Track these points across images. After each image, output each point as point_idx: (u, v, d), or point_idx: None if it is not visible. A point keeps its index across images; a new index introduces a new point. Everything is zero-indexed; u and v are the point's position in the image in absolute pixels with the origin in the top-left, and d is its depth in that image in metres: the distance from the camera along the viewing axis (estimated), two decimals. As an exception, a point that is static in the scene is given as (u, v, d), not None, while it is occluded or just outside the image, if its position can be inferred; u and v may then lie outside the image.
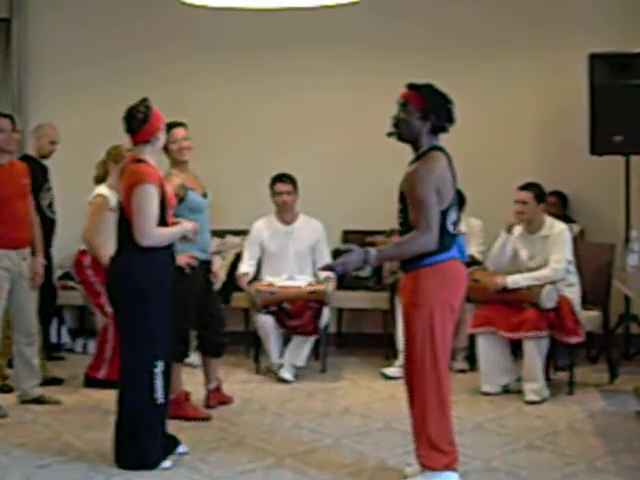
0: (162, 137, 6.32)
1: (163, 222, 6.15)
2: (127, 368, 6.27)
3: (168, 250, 6.27)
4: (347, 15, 8.20)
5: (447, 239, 5.64)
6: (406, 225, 5.68)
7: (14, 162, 7.71)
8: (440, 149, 5.71)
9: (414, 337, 5.69)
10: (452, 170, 5.74)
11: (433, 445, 5.70)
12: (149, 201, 6.05)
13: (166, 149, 7.26)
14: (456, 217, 5.77)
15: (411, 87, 5.75)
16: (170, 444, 6.38)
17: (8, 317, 7.84)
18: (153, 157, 6.28)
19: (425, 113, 5.66)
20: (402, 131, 5.74)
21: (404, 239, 5.61)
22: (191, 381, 7.75)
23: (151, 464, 6.20)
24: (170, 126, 7.10)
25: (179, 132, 7.37)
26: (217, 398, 7.77)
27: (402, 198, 5.71)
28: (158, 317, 6.20)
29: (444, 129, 5.73)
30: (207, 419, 7.42)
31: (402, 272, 5.85)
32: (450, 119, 5.73)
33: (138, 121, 6.18)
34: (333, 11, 7.83)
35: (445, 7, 9.82)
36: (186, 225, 6.34)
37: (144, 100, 6.25)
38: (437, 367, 5.71)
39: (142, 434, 6.22)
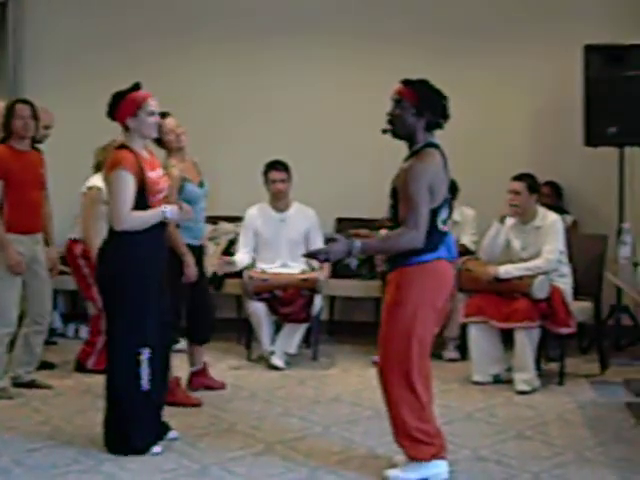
0: (141, 120, 6.19)
1: (144, 207, 6.13)
2: (113, 355, 6.30)
3: (151, 234, 6.19)
4: (345, 8, 8.14)
5: (436, 237, 5.61)
6: (396, 221, 5.66)
7: (33, 151, 7.72)
8: (435, 146, 5.68)
9: (392, 334, 5.68)
10: (446, 167, 5.70)
11: (415, 438, 5.69)
12: (122, 186, 6.05)
13: (159, 142, 7.30)
14: (447, 215, 5.74)
15: (405, 83, 5.72)
16: (161, 430, 6.40)
17: None
18: (135, 142, 6.23)
19: (420, 109, 5.63)
20: (397, 128, 5.72)
21: (390, 234, 5.61)
22: (181, 367, 7.72)
23: (139, 449, 6.22)
24: (160, 116, 7.10)
25: (170, 122, 7.39)
26: (201, 381, 7.79)
27: (394, 194, 5.70)
28: (140, 303, 6.18)
29: (439, 125, 5.71)
30: (197, 405, 7.43)
31: (388, 269, 5.80)
32: (445, 115, 5.70)
33: (110, 105, 6.22)
34: (332, 4, 7.77)
35: (442, 2, 9.81)
36: (164, 208, 6.20)
37: (134, 85, 6.25)
38: (411, 365, 5.67)
39: (128, 420, 6.26)
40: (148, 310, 6.23)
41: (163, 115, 7.07)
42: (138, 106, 6.16)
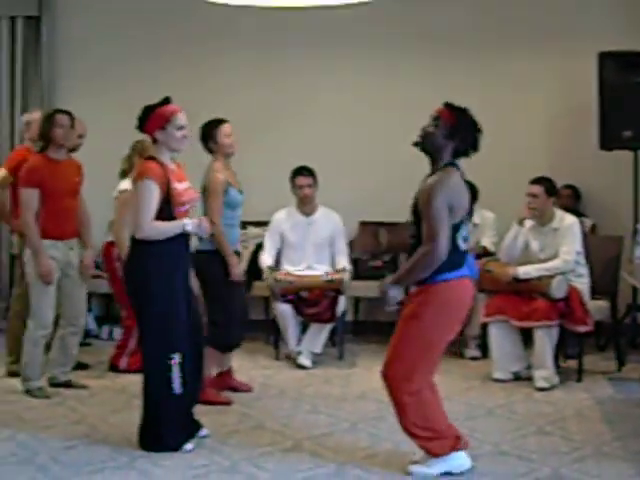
0: (169, 134, 6.24)
1: (170, 217, 6.19)
2: (145, 360, 6.37)
3: (177, 243, 6.27)
4: (360, 19, 8.19)
5: (458, 256, 5.64)
6: (416, 237, 5.68)
7: (71, 160, 7.81)
8: (456, 166, 5.73)
9: (406, 344, 5.73)
10: (465, 185, 5.76)
11: (424, 437, 5.75)
12: (146, 195, 6.12)
13: (208, 146, 7.45)
14: (467, 233, 5.78)
15: (448, 106, 5.77)
16: (193, 428, 6.45)
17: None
18: (163, 154, 6.29)
19: (452, 133, 5.67)
20: (427, 143, 5.75)
21: (414, 257, 5.58)
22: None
23: (172, 447, 6.27)
24: (219, 122, 7.37)
25: (228, 128, 7.47)
26: (226, 383, 7.82)
27: (414, 211, 5.73)
28: (167, 310, 6.24)
29: (466, 154, 5.76)
30: (227, 404, 7.46)
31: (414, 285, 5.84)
32: (475, 146, 5.76)
33: (140, 119, 6.27)
34: (347, 16, 7.84)
35: (465, 13, 9.84)
36: (186, 221, 6.26)
37: (164, 99, 6.31)
38: (417, 374, 5.72)
39: (161, 420, 6.32)
40: (176, 316, 6.28)
41: (221, 121, 7.33)
42: (167, 120, 6.19)
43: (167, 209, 6.16)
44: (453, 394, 6.97)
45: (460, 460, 5.77)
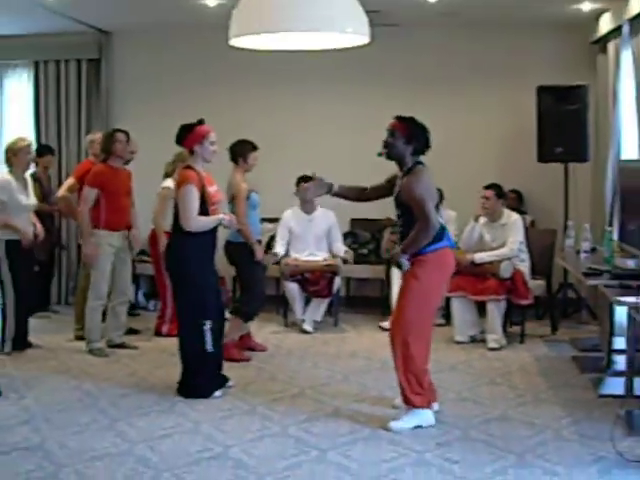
0: (204, 148, 6.30)
1: (203, 213, 6.24)
2: (182, 326, 6.44)
3: (209, 235, 6.34)
4: (355, 57, 8.17)
5: (439, 231, 5.67)
6: (404, 225, 5.74)
7: (125, 169, 7.88)
8: (422, 164, 5.75)
9: (410, 301, 5.70)
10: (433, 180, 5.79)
11: (414, 389, 5.71)
12: (190, 197, 6.17)
13: (236, 160, 7.50)
14: (440, 216, 5.86)
15: (398, 118, 5.79)
16: (221, 379, 6.49)
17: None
18: (198, 164, 6.33)
19: (408, 139, 5.71)
20: (390, 152, 5.78)
21: (413, 234, 5.59)
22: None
23: (205, 394, 6.31)
24: (253, 147, 7.50)
25: (257, 154, 7.53)
26: (246, 343, 7.79)
27: (399, 204, 5.78)
28: (200, 285, 6.30)
29: (423, 152, 5.77)
30: (248, 360, 7.49)
31: (389, 257, 5.89)
32: (427, 144, 5.77)
33: (178, 135, 6.34)
34: (341, 57, 7.83)
35: (432, 58, 9.82)
36: (223, 216, 6.40)
37: (199, 120, 6.36)
38: (424, 329, 5.77)
39: (197, 373, 6.37)
40: (207, 291, 6.35)
41: (255, 147, 7.49)
42: (204, 136, 6.27)
43: (202, 207, 6.23)
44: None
45: (428, 416, 5.74)
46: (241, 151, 7.51)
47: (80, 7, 8.85)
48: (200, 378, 6.37)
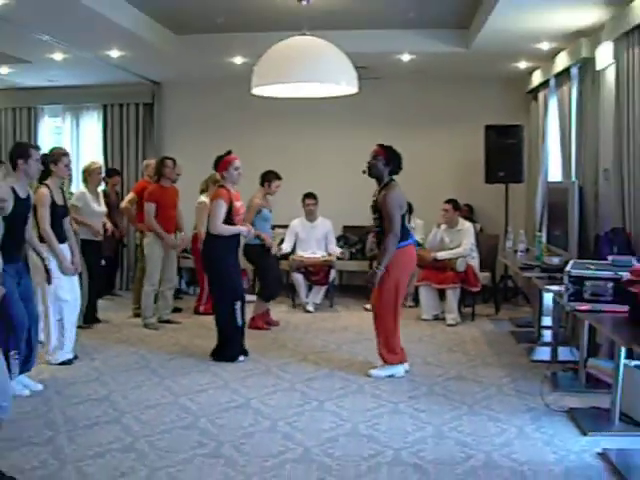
0: (230, 173, 6.32)
1: (230, 222, 6.26)
2: (218, 306, 6.42)
3: (233, 238, 6.35)
4: (347, 104, 8.15)
5: (406, 232, 5.78)
6: (381, 227, 5.76)
7: (172, 187, 7.87)
8: (394, 180, 5.84)
9: (382, 290, 5.76)
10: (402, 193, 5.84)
11: (390, 350, 5.84)
12: (219, 209, 6.21)
13: (262, 184, 7.61)
14: (408, 221, 6.06)
15: (380, 146, 5.90)
16: (244, 349, 6.48)
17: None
18: (227, 184, 6.35)
19: (387, 162, 5.81)
20: (372, 171, 5.88)
21: (384, 244, 5.66)
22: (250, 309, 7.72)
23: (233, 358, 6.31)
24: (278, 177, 7.64)
25: (278, 183, 7.66)
26: (265, 319, 7.79)
27: (375, 211, 5.82)
28: (230, 273, 6.31)
29: (397, 172, 5.87)
30: (268, 329, 7.62)
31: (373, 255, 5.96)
32: (400, 166, 5.86)
33: (214, 163, 6.40)
34: (339, 101, 7.82)
35: (406, 105, 9.79)
36: (241, 227, 6.39)
37: (228, 151, 6.41)
38: (395, 307, 5.81)
39: (228, 343, 6.38)
40: (235, 279, 6.37)
41: (279, 177, 7.64)
42: (230, 164, 6.31)
43: (229, 216, 6.23)
44: (400, 328, 6.91)
45: (400, 369, 5.87)
46: (267, 178, 7.65)
47: (138, 64, 8.87)
48: (230, 346, 6.36)
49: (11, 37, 7.11)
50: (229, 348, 6.36)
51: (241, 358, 6.34)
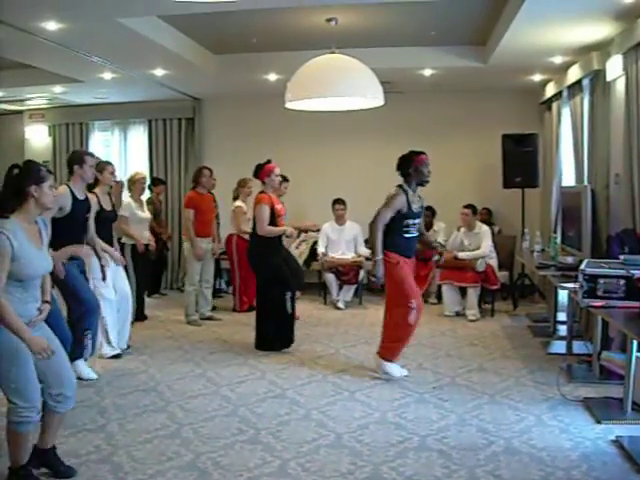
0: (272, 179, 6.41)
1: (273, 224, 6.30)
2: (267, 299, 6.45)
3: (277, 238, 6.41)
4: (373, 115, 8.14)
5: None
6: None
7: (209, 194, 7.91)
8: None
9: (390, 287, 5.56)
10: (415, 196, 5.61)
11: (395, 343, 5.60)
12: (263, 213, 6.29)
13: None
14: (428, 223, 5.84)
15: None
16: (289, 340, 6.56)
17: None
18: (268, 189, 6.42)
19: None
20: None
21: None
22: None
23: (281, 348, 6.44)
24: (285, 180, 7.61)
25: (287, 185, 7.79)
26: None
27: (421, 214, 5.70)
28: (279, 268, 6.36)
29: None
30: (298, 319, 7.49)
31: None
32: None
33: (255, 171, 6.48)
34: (360, 114, 7.83)
35: (429, 115, 9.73)
36: (286, 228, 6.43)
37: (267, 160, 6.48)
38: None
39: (278, 333, 6.47)
40: (284, 270, 6.40)
41: (286, 180, 7.62)
42: (271, 171, 6.41)
43: (272, 218, 6.32)
44: (424, 324, 6.87)
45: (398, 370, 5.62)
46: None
47: (180, 81, 8.93)
48: (279, 337, 6.43)
49: (65, 59, 7.21)
50: (278, 339, 6.41)
51: (284, 349, 6.44)
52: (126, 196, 7.69)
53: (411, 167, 5.54)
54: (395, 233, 5.47)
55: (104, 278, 5.79)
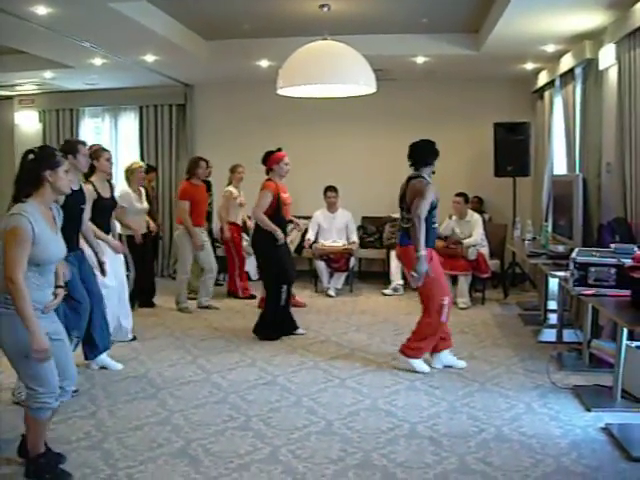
0: (281, 167, 6.44)
1: (279, 211, 6.36)
2: (267, 289, 6.50)
3: (279, 227, 6.38)
4: (365, 102, 8.11)
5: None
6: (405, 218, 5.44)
7: (203, 184, 7.86)
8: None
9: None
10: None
11: (422, 342, 5.43)
12: (264, 199, 6.31)
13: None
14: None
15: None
16: (295, 324, 6.66)
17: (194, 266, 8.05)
18: (276, 177, 6.45)
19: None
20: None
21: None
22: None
23: (274, 338, 6.44)
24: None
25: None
26: (295, 301, 7.65)
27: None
28: (279, 260, 6.37)
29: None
30: (304, 306, 7.79)
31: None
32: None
33: (263, 158, 6.48)
34: (356, 101, 7.79)
35: (423, 106, 9.70)
36: (278, 231, 6.33)
37: (278, 148, 6.52)
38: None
39: (271, 323, 6.49)
40: (284, 262, 6.44)
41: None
42: (281, 159, 6.43)
43: (278, 206, 6.37)
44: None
45: (423, 365, 5.46)
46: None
47: (171, 67, 8.87)
48: (272, 326, 6.46)
49: (55, 44, 7.14)
50: (272, 328, 6.43)
51: (301, 330, 6.58)
52: (124, 186, 7.61)
53: (435, 157, 5.60)
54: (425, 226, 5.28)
55: (103, 273, 5.62)
